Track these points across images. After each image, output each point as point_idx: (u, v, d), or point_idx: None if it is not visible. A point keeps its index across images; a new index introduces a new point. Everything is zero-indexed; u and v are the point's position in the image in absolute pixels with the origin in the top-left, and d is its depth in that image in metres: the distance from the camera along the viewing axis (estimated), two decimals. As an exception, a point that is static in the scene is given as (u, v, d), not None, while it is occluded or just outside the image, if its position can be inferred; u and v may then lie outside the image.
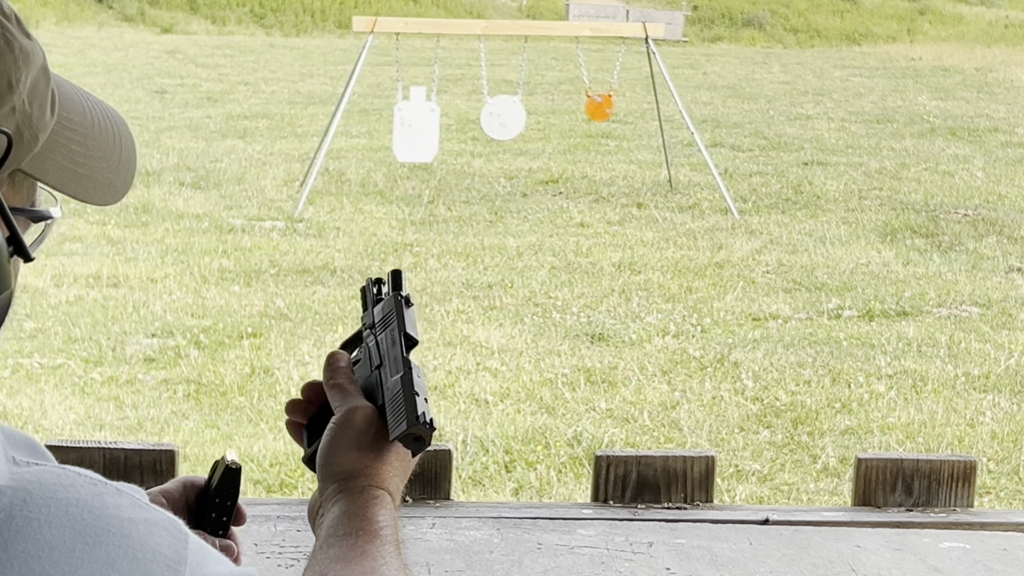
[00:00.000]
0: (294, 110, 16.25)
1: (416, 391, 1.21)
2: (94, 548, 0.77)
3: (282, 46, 27.16)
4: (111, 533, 0.78)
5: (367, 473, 1.18)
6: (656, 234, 9.48)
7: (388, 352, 1.27)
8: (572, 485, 4.84)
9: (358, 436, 1.20)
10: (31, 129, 0.88)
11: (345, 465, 1.19)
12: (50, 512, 0.77)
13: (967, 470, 2.45)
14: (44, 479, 0.79)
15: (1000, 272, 8.46)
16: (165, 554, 0.80)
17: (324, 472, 1.20)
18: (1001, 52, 27.68)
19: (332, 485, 1.18)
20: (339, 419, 1.21)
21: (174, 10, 31.84)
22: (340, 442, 1.20)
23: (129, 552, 0.78)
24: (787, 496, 4.83)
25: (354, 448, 1.19)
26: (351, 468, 1.18)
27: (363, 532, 1.11)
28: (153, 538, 0.80)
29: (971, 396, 5.95)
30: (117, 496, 0.81)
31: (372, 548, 1.10)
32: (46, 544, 0.76)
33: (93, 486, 0.81)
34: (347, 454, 1.19)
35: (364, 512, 1.14)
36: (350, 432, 1.20)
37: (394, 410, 1.21)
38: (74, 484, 0.80)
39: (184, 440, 5.13)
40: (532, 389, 5.88)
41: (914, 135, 15.18)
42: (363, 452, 1.19)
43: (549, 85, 19.40)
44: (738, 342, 6.71)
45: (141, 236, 8.90)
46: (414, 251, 8.70)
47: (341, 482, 1.18)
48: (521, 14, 34.95)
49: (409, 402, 1.20)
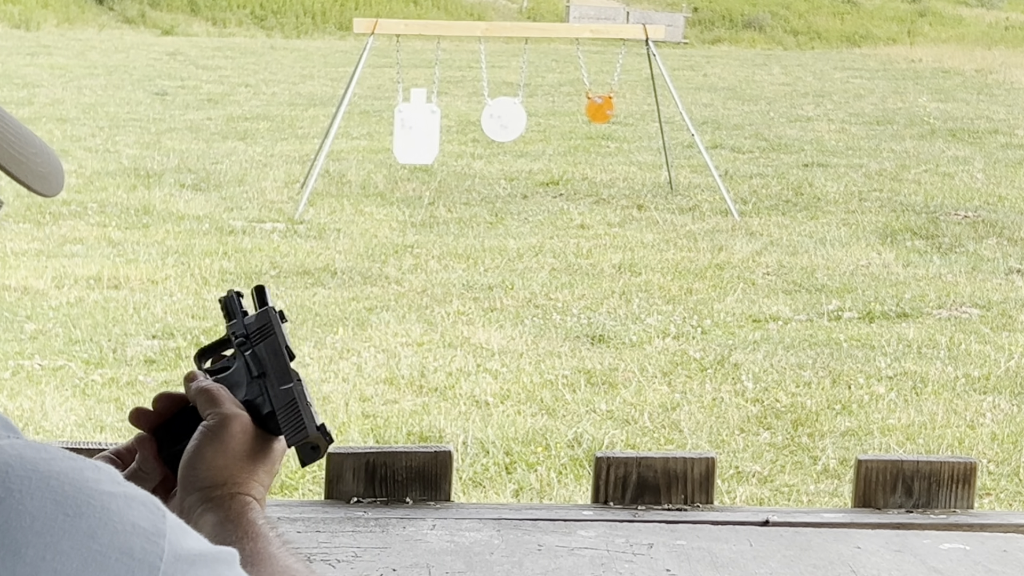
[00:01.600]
0: (295, 112, 16.25)
1: (309, 401, 1.22)
2: (75, 519, 0.78)
3: (283, 48, 27.18)
4: (91, 505, 0.79)
5: (235, 482, 1.17)
6: (656, 236, 9.48)
7: (271, 362, 1.26)
8: (572, 486, 4.84)
9: (231, 445, 1.18)
10: None
11: (212, 473, 1.17)
12: (31, 484, 0.78)
13: (967, 472, 2.45)
14: (25, 453, 0.80)
15: (1000, 274, 8.46)
16: (144, 527, 0.81)
17: (187, 481, 1.17)
18: (1001, 54, 27.69)
19: (194, 495, 1.16)
20: (212, 426, 1.19)
21: (175, 12, 31.86)
22: (210, 450, 1.18)
23: (109, 524, 0.79)
24: (787, 497, 4.83)
25: (225, 457, 1.17)
26: (218, 477, 1.17)
27: (247, 538, 1.11)
28: (132, 511, 0.81)
29: (971, 398, 5.96)
30: (96, 471, 0.82)
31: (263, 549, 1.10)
32: (28, 515, 0.77)
33: (73, 460, 0.81)
34: (216, 462, 1.17)
35: (240, 519, 1.13)
36: (223, 440, 1.18)
37: (290, 419, 1.20)
38: (54, 457, 0.81)
39: (185, 442, 5.13)
40: (532, 390, 5.88)
41: (914, 137, 15.18)
42: (234, 461, 1.17)
43: (549, 87, 19.41)
44: (738, 344, 6.71)
45: (142, 238, 8.90)
46: (414, 253, 8.70)
47: (205, 490, 1.16)
48: (521, 16, 34.97)
49: (306, 411, 1.20)
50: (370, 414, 5.54)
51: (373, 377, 6.02)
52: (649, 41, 10.64)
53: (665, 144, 11.41)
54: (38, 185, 0.94)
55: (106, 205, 9.93)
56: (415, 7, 34.12)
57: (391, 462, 2.36)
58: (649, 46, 10.73)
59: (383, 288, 7.78)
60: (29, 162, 0.93)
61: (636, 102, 16.50)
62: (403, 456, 2.37)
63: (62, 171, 0.99)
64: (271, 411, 1.22)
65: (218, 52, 24.85)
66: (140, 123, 14.51)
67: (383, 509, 2.30)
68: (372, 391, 5.83)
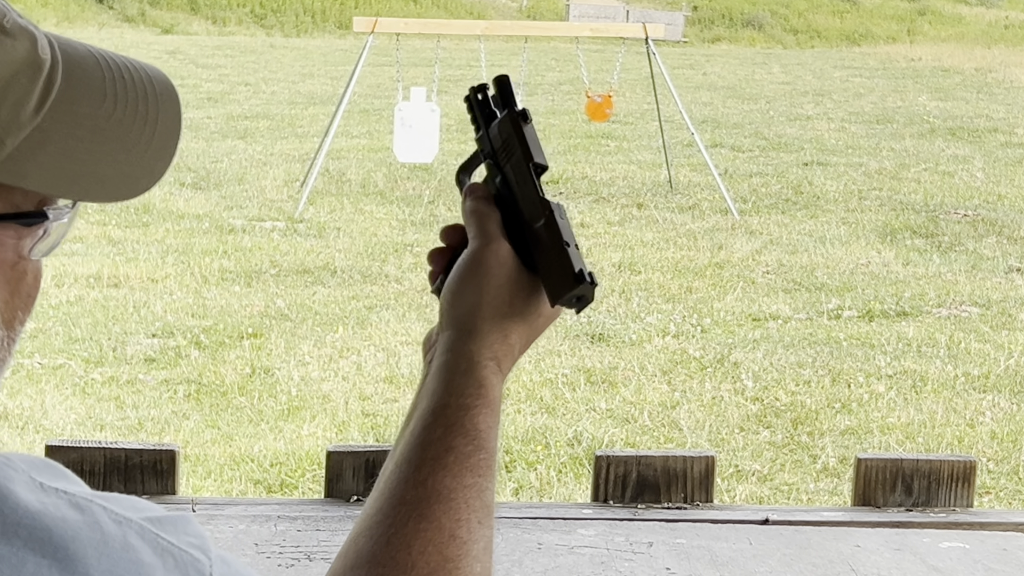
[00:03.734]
0: (295, 110, 16.25)
1: (566, 241, 1.02)
2: None
3: (282, 47, 27.18)
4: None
5: (483, 332, 1.03)
6: (656, 234, 9.48)
7: (520, 190, 1.06)
8: (572, 485, 4.84)
9: (489, 277, 1.03)
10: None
11: (465, 310, 1.03)
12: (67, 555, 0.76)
13: (967, 470, 2.45)
14: (68, 515, 0.77)
15: (1000, 272, 8.46)
16: None
17: (445, 314, 1.05)
18: (1001, 53, 27.69)
19: (447, 332, 1.04)
20: (471, 254, 1.05)
21: (175, 11, 31.85)
22: (467, 282, 1.04)
23: None
24: (787, 496, 4.83)
25: (480, 291, 1.03)
26: (470, 317, 1.03)
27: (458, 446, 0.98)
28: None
29: (971, 396, 5.96)
30: (141, 537, 0.79)
31: (474, 462, 0.98)
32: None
33: (118, 525, 0.79)
34: (470, 296, 1.03)
35: (463, 412, 0.99)
36: (478, 273, 1.04)
37: (547, 266, 1.03)
38: (98, 523, 0.78)
39: (185, 440, 5.13)
40: (532, 389, 5.89)
41: (914, 135, 15.18)
42: (488, 300, 1.03)
43: (549, 86, 19.41)
44: (738, 342, 6.72)
45: (142, 236, 8.90)
46: (414, 251, 8.70)
47: (455, 334, 1.03)
48: (521, 15, 34.96)
49: (562, 257, 1.02)
50: (370, 413, 5.54)
51: (373, 376, 6.02)
52: (649, 40, 10.64)
53: (665, 143, 11.41)
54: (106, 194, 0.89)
55: (106, 204, 9.93)
56: (415, 6, 34.11)
57: (391, 461, 2.36)
58: (649, 45, 10.73)
59: (383, 287, 7.78)
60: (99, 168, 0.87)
61: (636, 101, 16.50)
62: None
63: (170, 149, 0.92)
64: (528, 252, 1.04)
65: (218, 51, 24.85)
66: (140, 122, 14.51)
67: (383, 508, 2.30)
68: (372, 390, 5.83)
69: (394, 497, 0.95)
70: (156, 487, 2.35)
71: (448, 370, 1.02)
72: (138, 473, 2.35)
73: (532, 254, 1.04)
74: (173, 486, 2.38)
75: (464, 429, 0.99)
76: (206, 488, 4.66)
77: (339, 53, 24.41)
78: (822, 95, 19.62)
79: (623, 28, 13.98)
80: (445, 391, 1.01)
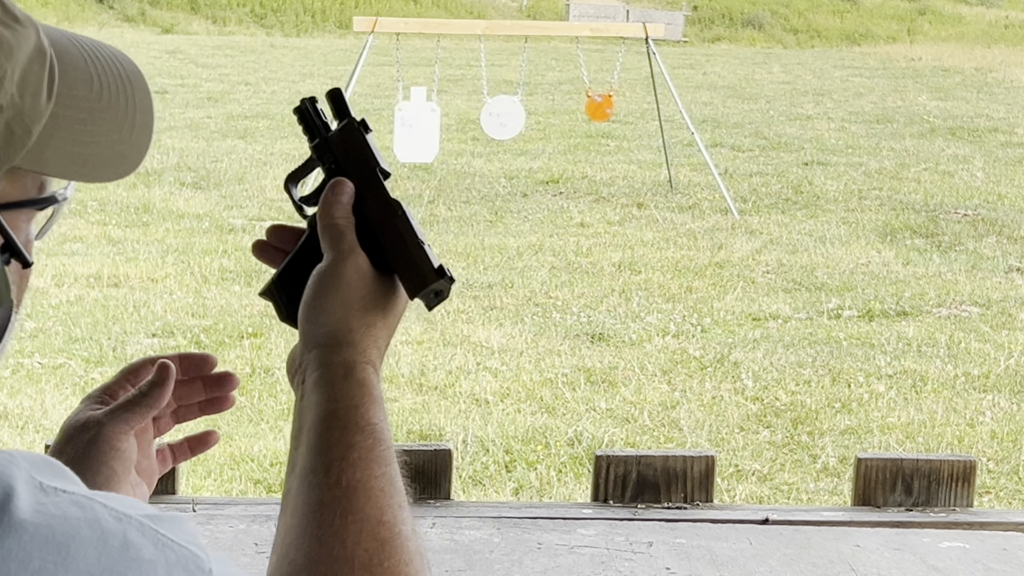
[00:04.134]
0: (294, 110, 16.24)
1: (420, 239, 1.06)
2: None
3: (283, 46, 27.17)
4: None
5: (352, 341, 1.04)
6: (656, 234, 9.48)
7: (370, 194, 1.09)
8: (572, 485, 4.84)
9: (350, 290, 1.05)
10: (23, 124, 0.83)
11: (332, 326, 1.04)
12: (69, 553, 0.76)
13: (967, 470, 2.45)
14: (69, 512, 0.78)
15: (1000, 272, 8.46)
16: None
17: (307, 333, 1.06)
18: (1001, 52, 27.69)
19: (314, 352, 1.05)
20: (330, 269, 1.06)
21: (175, 10, 31.85)
22: (328, 297, 1.05)
23: None
24: (787, 496, 4.83)
25: (344, 305, 1.05)
26: (337, 331, 1.04)
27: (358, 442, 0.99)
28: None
29: (971, 396, 5.96)
30: (141, 534, 0.79)
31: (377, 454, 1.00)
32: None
33: (118, 522, 0.79)
34: (336, 312, 1.05)
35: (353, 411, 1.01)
36: (343, 285, 1.05)
37: (405, 263, 1.06)
38: (98, 520, 0.78)
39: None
40: (532, 389, 5.89)
41: (914, 135, 15.18)
42: (353, 311, 1.05)
43: (549, 85, 19.41)
44: (738, 342, 6.72)
45: (142, 236, 8.90)
46: (414, 251, 8.70)
47: (323, 350, 1.04)
48: (521, 14, 34.96)
49: (420, 253, 1.05)
50: (370, 412, 5.53)
51: (373, 375, 6.01)
52: (649, 39, 10.64)
53: (665, 142, 11.41)
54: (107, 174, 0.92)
55: (106, 203, 9.93)
56: (415, 5, 34.11)
57: (391, 460, 2.36)
58: (649, 44, 10.73)
59: (383, 286, 7.77)
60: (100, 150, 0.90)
61: (636, 100, 16.49)
62: (403, 454, 2.37)
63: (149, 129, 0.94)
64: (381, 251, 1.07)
65: (218, 50, 24.85)
66: (140, 121, 14.50)
67: (383, 507, 2.30)
68: (372, 389, 5.82)
69: (311, 505, 0.97)
70: (156, 487, 2.35)
71: (327, 381, 1.03)
72: (138, 473, 2.34)
73: (386, 253, 1.07)
74: (173, 486, 2.38)
75: (359, 426, 1.00)
76: (206, 488, 4.66)
77: (339, 53, 24.41)
78: (822, 95, 19.62)
79: (623, 28, 13.98)
80: (330, 399, 1.02)
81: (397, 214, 1.07)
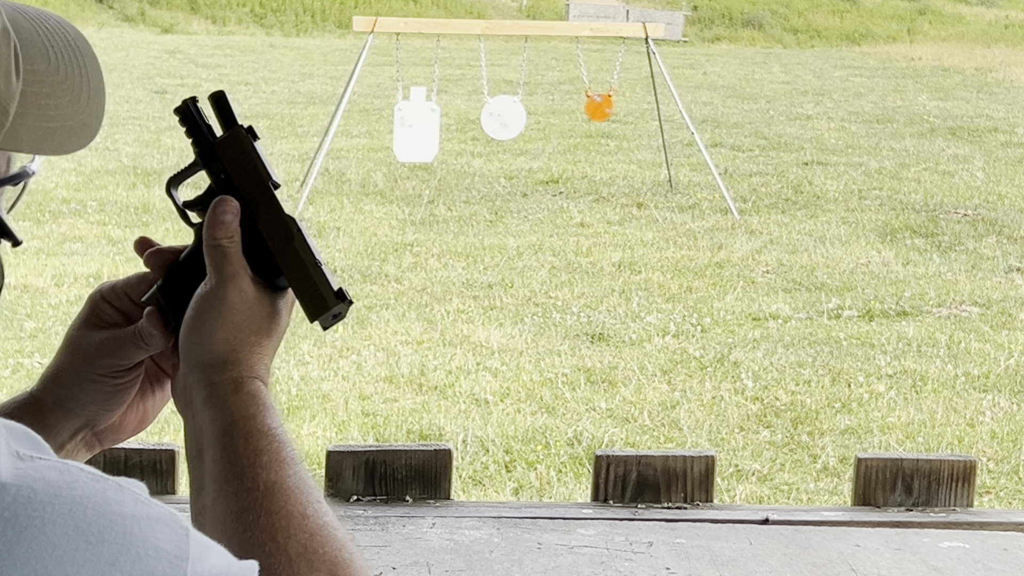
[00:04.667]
0: (294, 110, 16.25)
1: (318, 259, 1.03)
2: (97, 547, 0.77)
3: (282, 46, 27.17)
4: (114, 531, 0.78)
5: (238, 360, 1.03)
6: (656, 234, 9.48)
7: (261, 208, 1.05)
8: (572, 485, 4.84)
9: (232, 313, 1.03)
10: (1, 106, 0.83)
11: (216, 349, 1.03)
12: (54, 510, 0.77)
13: (967, 470, 2.45)
14: (48, 476, 0.79)
15: (1000, 272, 8.46)
16: (167, 550, 0.79)
17: (187, 356, 1.05)
18: (1001, 52, 27.69)
19: (196, 372, 1.04)
20: (212, 293, 1.04)
21: (174, 10, 31.85)
22: (211, 320, 1.03)
23: (132, 550, 0.78)
24: (787, 496, 4.83)
25: (227, 328, 1.03)
26: (222, 353, 1.03)
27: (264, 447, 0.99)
28: (155, 534, 0.79)
29: (971, 396, 5.96)
30: (119, 492, 0.80)
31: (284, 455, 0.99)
32: (49, 544, 0.76)
33: (96, 482, 0.80)
34: (219, 334, 1.03)
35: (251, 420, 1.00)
36: (225, 309, 1.03)
37: (303, 285, 1.03)
38: (77, 480, 0.79)
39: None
40: (532, 389, 5.88)
41: (914, 135, 15.18)
42: (237, 334, 1.03)
43: (549, 85, 19.41)
44: (738, 342, 6.72)
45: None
46: (414, 251, 8.70)
47: (206, 369, 1.03)
48: (521, 14, 34.96)
49: (319, 275, 1.03)
50: (370, 412, 5.54)
51: (373, 375, 6.02)
52: (649, 39, 10.64)
53: (665, 142, 11.41)
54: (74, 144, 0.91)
55: (106, 203, 9.93)
56: (415, 5, 34.12)
57: (391, 460, 2.36)
58: (649, 44, 10.73)
59: (383, 286, 7.78)
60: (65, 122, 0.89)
61: (636, 100, 16.50)
62: (403, 454, 2.37)
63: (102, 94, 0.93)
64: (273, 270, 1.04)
65: (217, 50, 24.85)
66: (140, 121, 14.51)
67: (383, 507, 2.30)
68: (372, 389, 5.83)
69: (233, 511, 0.97)
70: (156, 487, 2.35)
71: (218, 398, 1.03)
72: (138, 473, 2.35)
73: (277, 268, 1.04)
74: (173, 486, 2.38)
75: (261, 432, 1.01)
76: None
77: (339, 53, 24.41)
78: (822, 95, 19.62)
79: (623, 28, 13.98)
80: (225, 414, 1.02)
81: (294, 234, 1.03)
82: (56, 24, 0.94)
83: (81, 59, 0.93)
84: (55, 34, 0.93)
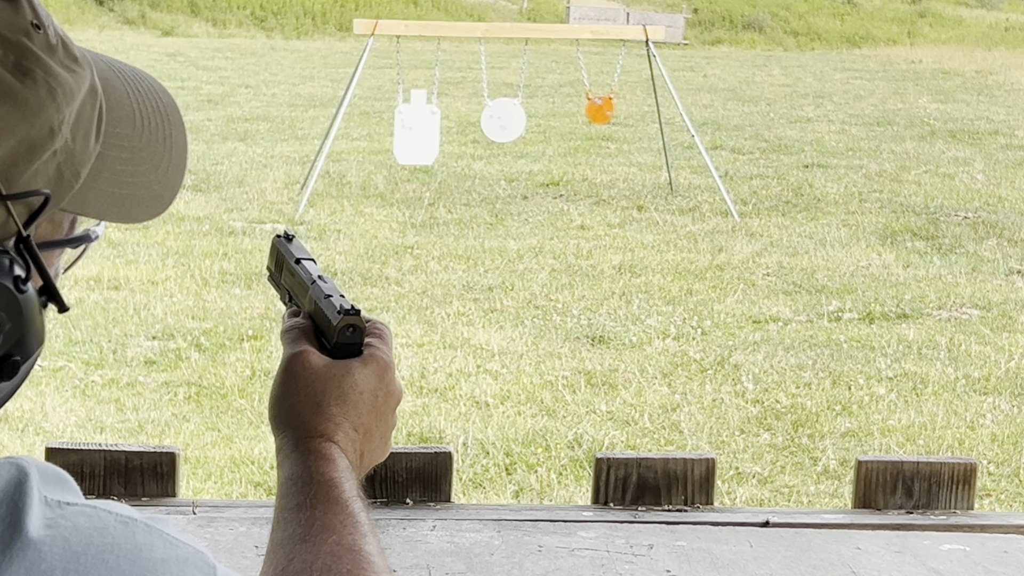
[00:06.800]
0: (295, 113, 16.26)
1: (328, 293, 1.15)
2: None
3: (283, 49, 27.19)
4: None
5: (309, 425, 1.07)
6: (656, 237, 9.48)
7: (293, 286, 1.20)
8: (572, 487, 4.84)
9: (296, 384, 1.08)
10: (72, 167, 0.81)
11: (287, 416, 1.08)
12: (87, 560, 0.77)
13: (967, 472, 2.45)
14: (79, 522, 0.79)
15: (1000, 274, 8.46)
16: None
17: (272, 424, 1.11)
18: (1001, 55, 27.70)
19: (278, 438, 1.09)
20: (281, 365, 1.11)
21: (175, 13, 31.86)
22: (281, 390, 1.09)
23: None
24: (787, 498, 4.83)
25: (292, 398, 1.08)
26: (291, 421, 1.08)
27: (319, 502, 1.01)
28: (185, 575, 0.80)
29: (971, 399, 5.96)
30: (148, 535, 0.81)
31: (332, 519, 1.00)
32: None
33: (124, 526, 0.80)
34: (283, 405, 1.08)
35: (314, 475, 1.03)
36: (287, 380, 1.09)
37: (321, 320, 1.14)
38: (107, 527, 0.80)
39: (185, 442, 5.13)
40: (532, 391, 5.88)
41: (914, 138, 15.19)
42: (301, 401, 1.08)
43: (549, 88, 19.42)
44: (738, 344, 6.72)
45: (142, 239, 8.90)
46: (415, 253, 8.70)
47: (283, 435, 1.08)
48: (521, 17, 34.98)
49: (326, 302, 1.14)
50: (370, 415, 5.53)
51: (373, 378, 6.01)
52: (649, 42, 10.64)
53: (665, 145, 11.41)
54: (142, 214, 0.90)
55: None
56: (415, 8, 34.13)
57: (391, 463, 2.36)
58: (649, 47, 10.73)
59: (383, 289, 7.78)
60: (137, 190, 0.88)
61: (636, 103, 16.50)
62: (403, 457, 2.37)
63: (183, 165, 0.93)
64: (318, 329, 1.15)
65: (218, 53, 24.86)
66: (140, 124, 14.51)
67: (383, 510, 2.30)
68: (372, 392, 5.82)
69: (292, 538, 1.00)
70: (156, 489, 2.35)
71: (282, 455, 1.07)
72: (138, 475, 2.35)
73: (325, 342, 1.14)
74: (173, 488, 2.38)
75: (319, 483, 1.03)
76: (206, 490, 4.66)
77: (339, 55, 24.42)
78: (822, 97, 19.62)
79: (623, 30, 13.97)
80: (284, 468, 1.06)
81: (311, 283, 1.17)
82: (149, 87, 0.92)
83: (168, 127, 0.92)
84: (146, 97, 0.91)
